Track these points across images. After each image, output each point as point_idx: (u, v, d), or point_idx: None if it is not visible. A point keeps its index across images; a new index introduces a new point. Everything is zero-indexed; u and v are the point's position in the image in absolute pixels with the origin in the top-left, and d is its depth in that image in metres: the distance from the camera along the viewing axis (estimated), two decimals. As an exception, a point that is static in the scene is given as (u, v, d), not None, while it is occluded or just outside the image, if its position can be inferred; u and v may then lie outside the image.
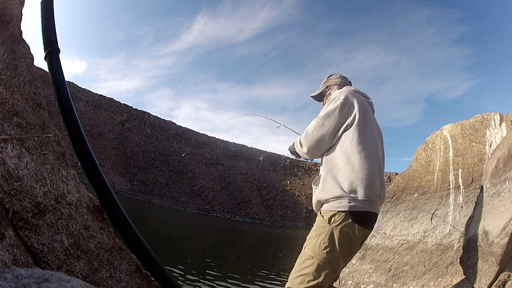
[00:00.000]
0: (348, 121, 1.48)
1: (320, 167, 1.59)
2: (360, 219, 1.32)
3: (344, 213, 1.31)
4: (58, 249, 1.00)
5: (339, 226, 1.30)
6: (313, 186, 1.56)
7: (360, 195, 1.32)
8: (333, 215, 1.32)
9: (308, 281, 1.27)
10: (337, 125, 1.48)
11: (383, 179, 1.45)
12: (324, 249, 1.29)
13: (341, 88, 1.77)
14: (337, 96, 1.56)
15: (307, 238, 1.42)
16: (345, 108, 1.49)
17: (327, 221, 1.33)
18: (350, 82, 1.88)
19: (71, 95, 1.03)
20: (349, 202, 1.31)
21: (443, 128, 3.52)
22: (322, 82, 1.90)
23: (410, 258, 3.03)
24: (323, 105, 1.83)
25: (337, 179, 1.37)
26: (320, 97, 1.91)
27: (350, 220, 1.30)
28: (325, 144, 1.51)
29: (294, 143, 1.77)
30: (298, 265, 1.37)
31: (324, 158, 1.54)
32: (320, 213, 1.41)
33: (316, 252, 1.30)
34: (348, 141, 1.43)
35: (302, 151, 1.63)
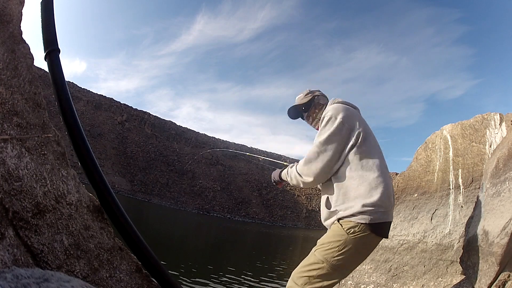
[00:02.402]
0: (352, 140, 1.44)
1: (321, 187, 1.55)
2: (380, 229, 1.36)
3: (364, 225, 1.33)
4: (58, 249, 1.00)
5: (357, 237, 1.33)
6: (325, 208, 1.49)
7: (380, 207, 1.34)
8: (353, 226, 1.34)
9: (313, 283, 1.30)
10: (340, 146, 1.44)
11: (393, 188, 1.50)
12: (336, 257, 1.32)
13: (325, 100, 1.73)
14: (332, 115, 1.48)
15: (318, 242, 1.44)
16: (345, 126, 1.44)
17: (345, 230, 1.35)
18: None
19: (71, 95, 1.03)
20: (370, 215, 1.33)
21: (443, 128, 3.52)
22: (304, 94, 1.79)
23: (410, 258, 3.03)
24: (308, 117, 1.76)
25: (354, 196, 1.38)
26: (308, 105, 1.75)
27: (369, 232, 1.33)
28: (332, 168, 1.44)
29: (284, 173, 1.67)
30: (304, 265, 1.39)
31: (332, 178, 1.47)
32: (339, 221, 1.40)
33: (327, 258, 1.33)
34: (357, 158, 1.41)
35: (305, 180, 1.51)
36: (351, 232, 1.33)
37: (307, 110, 1.75)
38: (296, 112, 1.81)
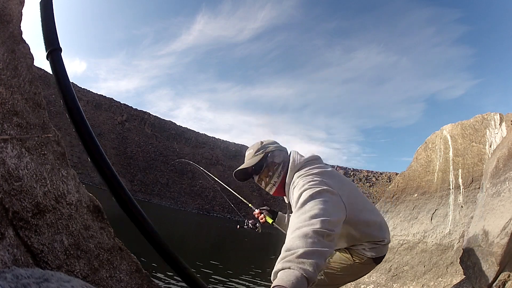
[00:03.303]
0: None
1: None
2: (380, 260, 1.51)
3: (371, 259, 1.46)
4: (58, 249, 1.00)
5: (360, 265, 1.48)
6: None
7: (383, 241, 1.46)
8: (362, 257, 1.46)
9: None
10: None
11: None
12: (333, 274, 1.50)
13: (281, 158, 1.39)
14: (306, 182, 1.12)
15: None
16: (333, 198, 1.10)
17: (352, 258, 1.48)
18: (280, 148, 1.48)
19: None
20: (376, 251, 1.44)
21: (443, 128, 3.52)
22: (254, 151, 1.44)
23: (410, 258, 3.03)
24: (260, 181, 1.41)
25: (358, 241, 1.45)
26: (259, 167, 1.41)
27: (371, 263, 1.48)
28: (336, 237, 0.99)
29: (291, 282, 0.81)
30: None
31: None
32: (348, 249, 1.49)
33: (326, 272, 1.51)
34: (351, 220, 1.23)
35: (331, 236, 0.94)
36: (357, 261, 1.47)
37: (258, 172, 1.41)
38: (246, 174, 1.48)
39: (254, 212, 1.93)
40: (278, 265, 0.86)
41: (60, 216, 1.06)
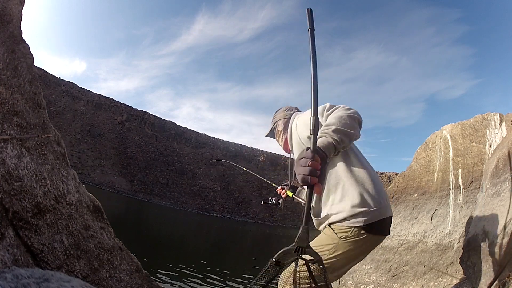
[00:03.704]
0: None
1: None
2: (374, 229, 1.31)
3: (358, 229, 1.29)
4: (58, 249, 1.00)
5: (350, 241, 1.30)
6: (314, 216, 1.45)
7: (372, 206, 1.29)
8: (346, 231, 1.31)
9: (303, 283, 1.28)
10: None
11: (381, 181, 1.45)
12: (326, 260, 1.29)
13: (284, 123, 1.77)
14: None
15: (310, 244, 1.40)
16: None
17: (338, 235, 1.32)
18: (297, 108, 1.84)
19: (71, 95, 1.03)
20: (363, 217, 1.28)
21: (443, 128, 3.52)
22: (272, 120, 1.89)
23: (410, 258, 3.03)
24: (278, 141, 1.84)
25: (345, 196, 1.33)
26: (272, 134, 1.89)
27: (364, 235, 1.30)
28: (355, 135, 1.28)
29: (326, 142, 1.12)
30: None
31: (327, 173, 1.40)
32: (330, 226, 1.37)
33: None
34: (348, 157, 1.38)
35: (351, 133, 1.21)
36: (343, 237, 1.31)
37: (273, 137, 1.92)
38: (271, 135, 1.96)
39: (277, 190, 2.09)
40: (319, 133, 1.15)
41: (60, 216, 1.06)
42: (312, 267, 0.98)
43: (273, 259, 0.91)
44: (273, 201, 2.17)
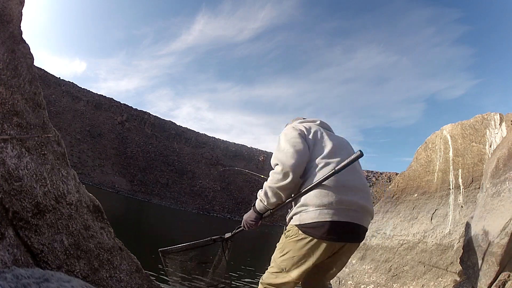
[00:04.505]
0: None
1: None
2: (317, 231, 1.24)
3: (296, 228, 1.30)
4: (58, 249, 1.00)
5: (292, 241, 1.33)
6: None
7: (315, 206, 1.24)
8: (289, 230, 1.37)
9: (269, 278, 1.42)
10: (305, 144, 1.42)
11: (353, 185, 1.32)
12: (279, 258, 1.39)
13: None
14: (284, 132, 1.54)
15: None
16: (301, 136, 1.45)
17: (284, 235, 1.40)
18: (304, 118, 1.81)
19: (71, 95, 1.03)
20: (300, 216, 1.29)
21: (443, 128, 3.52)
22: None
23: (410, 258, 3.03)
24: None
25: (296, 199, 1.36)
26: None
27: (303, 235, 1.28)
28: (306, 154, 1.36)
29: (257, 203, 1.49)
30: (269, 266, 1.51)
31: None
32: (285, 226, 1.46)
33: (274, 258, 1.44)
34: (313, 173, 1.34)
35: (283, 180, 1.32)
36: (286, 236, 1.35)
37: None
38: None
39: None
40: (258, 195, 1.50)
41: (60, 216, 1.06)
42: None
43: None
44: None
